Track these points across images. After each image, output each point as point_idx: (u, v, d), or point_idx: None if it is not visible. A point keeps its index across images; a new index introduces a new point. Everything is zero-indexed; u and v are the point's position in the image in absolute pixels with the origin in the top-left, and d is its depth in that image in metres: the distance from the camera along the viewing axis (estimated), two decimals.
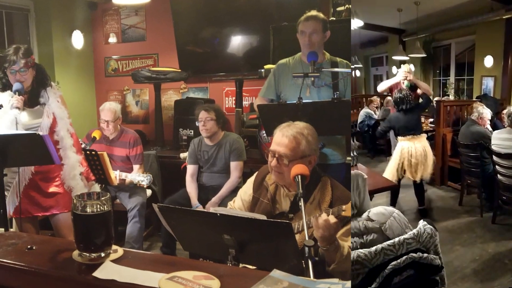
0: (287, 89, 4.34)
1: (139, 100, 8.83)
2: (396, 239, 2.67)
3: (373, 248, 2.61)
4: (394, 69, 12.99)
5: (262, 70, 6.41)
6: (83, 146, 5.43)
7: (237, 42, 7.73)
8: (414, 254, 2.62)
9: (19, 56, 4.05)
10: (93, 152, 5.44)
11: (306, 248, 2.21)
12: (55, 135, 4.24)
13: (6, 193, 3.93)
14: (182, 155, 6.61)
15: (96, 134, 5.82)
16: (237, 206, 3.44)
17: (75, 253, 2.03)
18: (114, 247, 2.07)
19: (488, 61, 10.40)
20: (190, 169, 5.86)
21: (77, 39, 8.23)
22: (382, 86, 7.85)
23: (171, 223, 2.54)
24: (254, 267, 2.50)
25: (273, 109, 4.18)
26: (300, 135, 3.03)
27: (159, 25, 8.37)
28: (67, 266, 1.96)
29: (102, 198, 2.02)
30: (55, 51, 7.75)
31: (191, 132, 7.24)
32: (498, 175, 6.41)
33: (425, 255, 2.67)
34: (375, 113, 11.23)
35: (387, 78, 12.40)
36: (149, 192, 6.33)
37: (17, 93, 4.03)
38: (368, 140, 11.32)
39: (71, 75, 8.21)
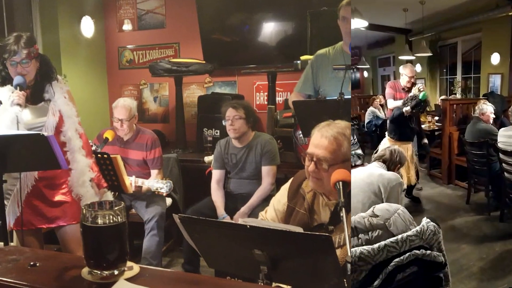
0: (326, 83, 4.34)
1: (157, 96, 8.88)
2: (399, 236, 2.85)
3: (376, 245, 2.77)
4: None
5: (298, 62, 6.41)
6: (93, 148, 5.46)
7: (270, 29, 7.73)
8: (417, 251, 2.79)
9: (20, 45, 4.04)
10: (105, 155, 5.46)
11: (348, 265, 2.20)
12: (62, 135, 4.26)
13: (6, 202, 3.96)
14: (207, 158, 6.62)
15: (108, 134, 5.84)
16: (270, 217, 3.43)
17: (85, 270, 2.04)
18: (129, 263, 2.08)
19: (495, 58, 11.28)
20: (216, 174, 5.88)
21: (87, 26, 8.29)
22: (392, 105, 8.23)
23: (194, 236, 2.54)
24: (289, 287, 2.50)
25: (311, 106, 4.18)
26: (342, 136, 3.01)
27: (181, 10, 8.40)
28: (76, 285, 1.97)
29: (116, 208, 2.03)
30: (62, 40, 7.80)
31: (217, 132, 7.26)
32: (505, 173, 6.95)
33: (428, 252, 2.83)
34: (379, 111, 12.29)
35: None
36: (169, 201, 6.36)
37: (18, 87, 4.02)
38: (376, 140, 12.14)
39: (80, 68, 8.28)
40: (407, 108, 7.31)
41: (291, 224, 3.15)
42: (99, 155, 5.39)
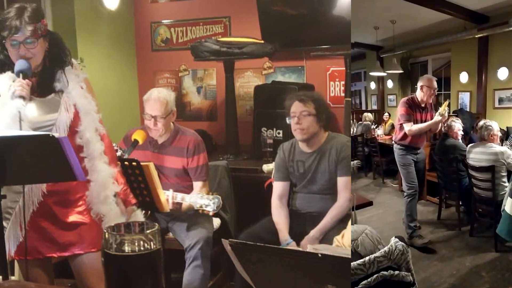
0: None
1: (202, 86, 8.94)
2: (367, 258, 3.12)
3: None
4: (372, 84, 19.03)
5: None
6: (119, 154, 5.50)
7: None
8: (385, 272, 3.08)
9: (24, 20, 4.01)
10: (134, 163, 5.49)
11: None
12: (78, 137, 4.26)
13: (5, 223, 3.97)
14: (266, 167, 6.63)
15: (138, 136, 5.87)
16: (347, 243, 3.43)
17: None
18: None
19: (463, 77, 14.79)
20: (278, 188, 5.88)
21: None
22: (415, 129, 8.55)
23: (250, 267, 2.53)
24: None
25: None
26: None
27: None
28: None
29: (148, 232, 2.02)
30: (78, 14, 7.86)
31: (279, 133, 7.28)
32: (474, 188, 8.62)
33: (396, 272, 3.13)
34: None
35: (366, 94, 19.93)
36: (216, 222, 6.39)
37: (21, 75, 3.98)
38: None
39: (102, 49, 8.36)
40: None
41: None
42: (126, 163, 5.42)
